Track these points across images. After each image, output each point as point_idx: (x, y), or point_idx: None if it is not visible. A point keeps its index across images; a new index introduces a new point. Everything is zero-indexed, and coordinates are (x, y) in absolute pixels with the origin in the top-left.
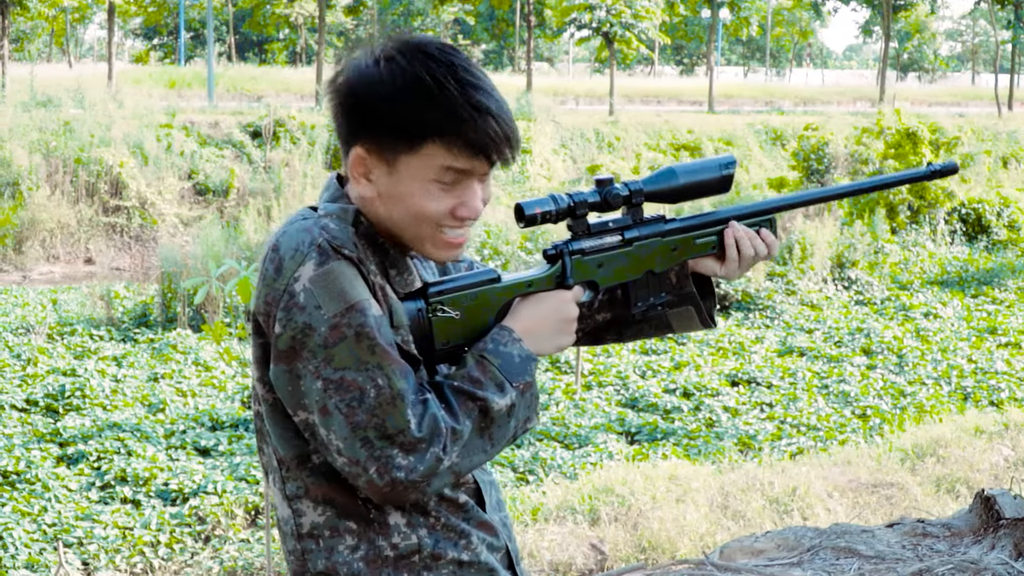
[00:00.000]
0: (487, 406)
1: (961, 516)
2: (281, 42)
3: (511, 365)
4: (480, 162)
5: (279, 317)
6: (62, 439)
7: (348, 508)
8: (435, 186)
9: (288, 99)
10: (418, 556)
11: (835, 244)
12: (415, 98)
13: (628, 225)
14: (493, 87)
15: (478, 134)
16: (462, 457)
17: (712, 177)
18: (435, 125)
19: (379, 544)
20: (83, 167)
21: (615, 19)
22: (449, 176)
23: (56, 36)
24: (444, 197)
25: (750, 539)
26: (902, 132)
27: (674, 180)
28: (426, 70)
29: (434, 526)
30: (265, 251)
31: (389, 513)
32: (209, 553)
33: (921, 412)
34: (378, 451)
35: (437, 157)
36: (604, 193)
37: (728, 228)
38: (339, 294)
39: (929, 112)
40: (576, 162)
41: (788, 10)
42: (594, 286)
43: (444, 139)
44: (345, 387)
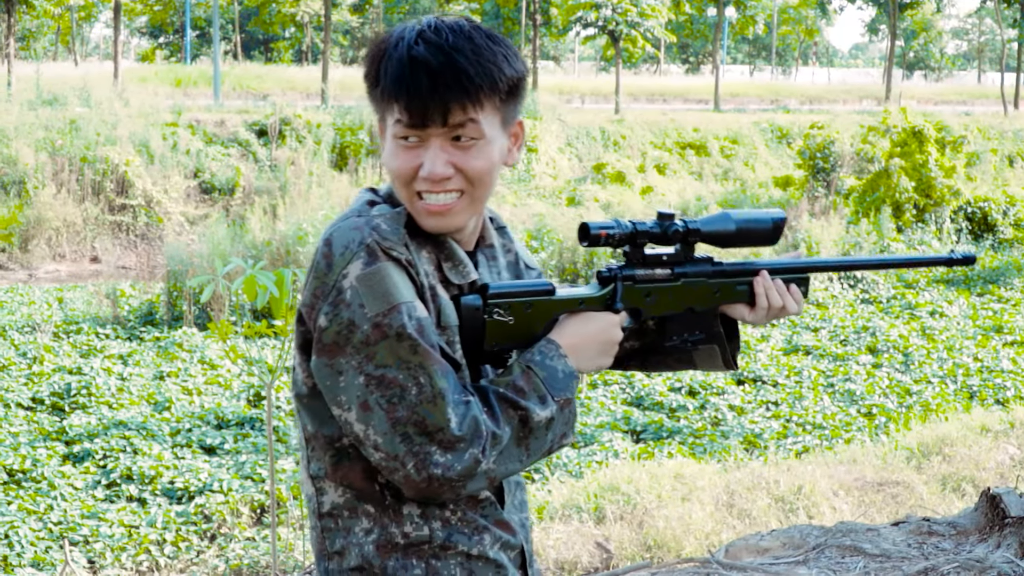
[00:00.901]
0: (528, 416)
1: (967, 515)
2: (287, 41)
3: (555, 379)
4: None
5: (324, 311)
6: (68, 437)
7: (366, 493)
8: (399, 144)
9: (294, 97)
10: (427, 546)
11: (841, 242)
12: (381, 59)
13: (679, 261)
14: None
15: (408, 88)
16: (498, 463)
17: (764, 228)
18: (384, 81)
19: (391, 531)
20: (89, 165)
21: (621, 17)
22: (403, 132)
23: (62, 35)
24: (407, 155)
25: (756, 537)
26: (908, 131)
27: (729, 225)
28: (401, 31)
29: (449, 519)
30: (319, 243)
31: (405, 502)
32: (215, 551)
33: (927, 411)
34: (417, 447)
35: (394, 113)
36: (665, 227)
37: (759, 277)
38: (383, 294)
39: (935, 111)
40: (582, 160)
41: (794, 8)
42: (638, 314)
43: (389, 98)
44: (386, 384)
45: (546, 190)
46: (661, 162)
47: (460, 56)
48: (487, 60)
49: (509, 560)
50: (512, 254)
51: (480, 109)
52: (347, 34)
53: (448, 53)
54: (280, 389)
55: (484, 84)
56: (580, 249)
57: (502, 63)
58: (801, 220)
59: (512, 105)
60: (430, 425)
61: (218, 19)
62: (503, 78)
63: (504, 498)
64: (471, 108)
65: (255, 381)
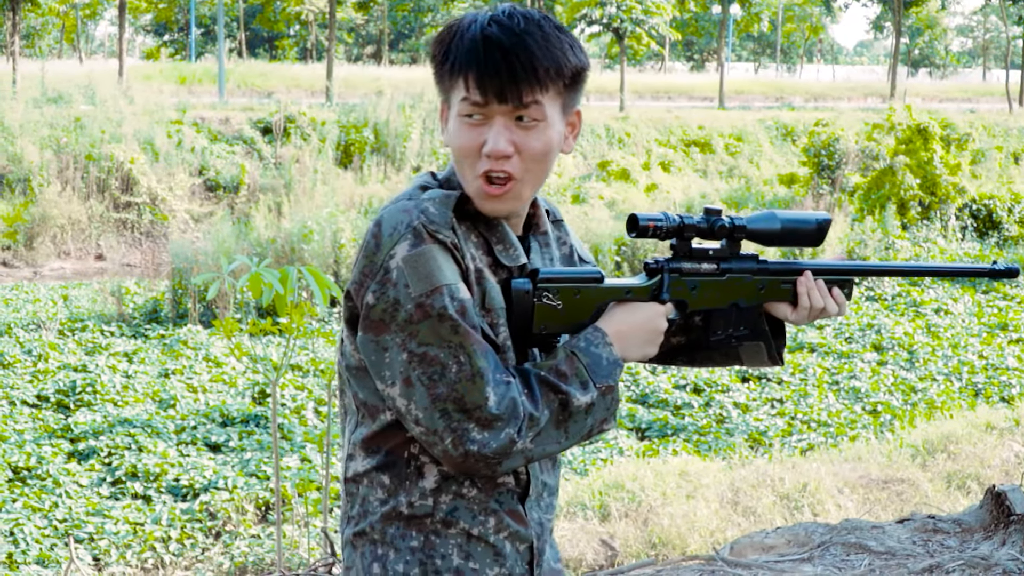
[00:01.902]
0: (568, 400)
1: (972, 512)
2: (291, 38)
3: (598, 366)
4: (481, 94)
5: (372, 288)
6: (73, 435)
7: (391, 463)
8: (463, 121)
9: (298, 95)
10: (430, 519)
11: (846, 239)
12: (452, 39)
13: (725, 256)
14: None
15: (480, 65)
16: (536, 444)
17: (809, 229)
18: (454, 58)
19: (400, 499)
20: (94, 163)
21: (625, 15)
22: (469, 109)
23: (67, 32)
24: (471, 132)
25: (760, 535)
26: (913, 128)
27: (775, 224)
28: (475, 15)
29: (461, 494)
30: (370, 225)
31: (424, 477)
32: (220, 549)
33: (932, 408)
34: (455, 423)
35: (460, 90)
36: (712, 222)
37: (803, 277)
38: (426, 276)
39: (940, 108)
40: (587, 158)
41: (799, 5)
42: (684, 306)
43: (457, 74)
44: (428, 361)
45: (551, 187)
46: (666, 159)
47: (530, 40)
48: (555, 47)
49: (515, 551)
50: (567, 247)
51: (544, 92)
52: (352, 32)
53: (519, 36)
54: (285, 387)
55: (551, 68)
56: (585, 246)
57: (568, 51)
58: None
59: (573, 93)
60: (468, 403)
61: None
62: (568, 65)
63: (529, 491)
64: (537, 90)
65: (260, 378)
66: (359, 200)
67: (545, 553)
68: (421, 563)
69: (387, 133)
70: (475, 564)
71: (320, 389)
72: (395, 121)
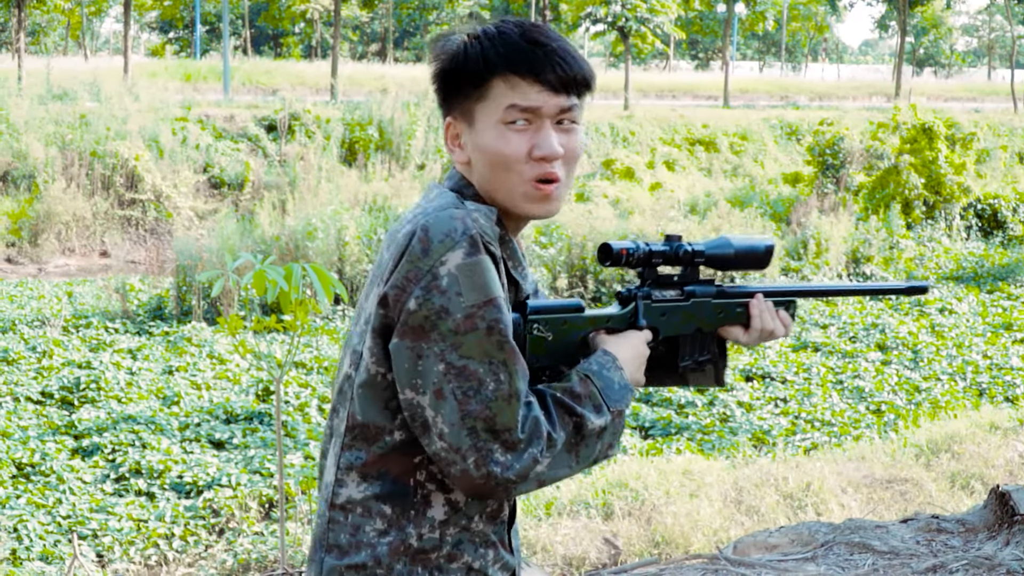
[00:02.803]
0: (582, 423)
1: (976, 512)
2: (296, 36)
3: (611, 390)
4: (541, 92)
5: (416, 294)
6: (77, 431)
7: (395, 492)
8: (507, 128)
9: (303, 93)
10: (436, 554)
11: (850, 239)
12: (479, 46)
13: (688, 281)
14: (562, 38)
15: (534, 62)
16: (550, 468)
17: (759, 253)
18: (495, 62)
19: (408, 531)
20: (99, 160)
21: (630, 13)
22: (517, 115)
23: (72, 29)
24: (517, 138)
25: (764, 534)
26: (918, 127)
27: (729, 249)
28: (495, 27)
29: (467, 527)
30: (407, 229)
31: (432, 506)
32: (223, 546)
33: (936, 408)
34: (481, 443)
35: (502, 96)
36: (675, 248)
37: (755, 299)
38: (482, 286)
39: (945, 107)
40: (591, 157)
41: (804, 4)
42: (655, 332)
43: (503, 75)
44: (466, 375)
45: None
46: (670, 158)
47: (568, 44)
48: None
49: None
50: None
51: (584, 93)
52: (357, 29)
53: (561, 42)
54: (289, 384)
55: (590, 69)
56: (589, 246)
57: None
58: (810, 217)
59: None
60: (499, 424)
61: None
62: (594, 80)
63: (514, 519)
64: (584, 90)
65: (264, 376)
66: (363, 198)
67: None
68: None
69: (392, 131)
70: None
71: (324, 387)
72: (400, 119)
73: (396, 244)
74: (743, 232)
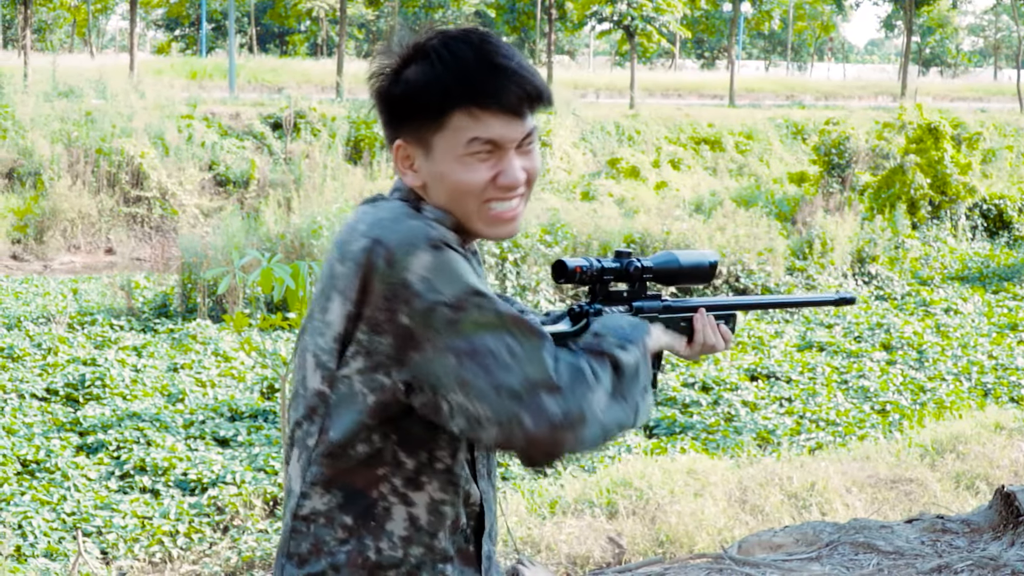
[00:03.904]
0: (617, 361)
1: (981, 512)
2: (302, 34)
3: (624, 330)
4: (504, 121)
5: (402, 311)
6: (82, 428)
7: (357, 502)
8: (470, 159)
9: (309, 91)
10: (394, 572)
11: (856, 239)
12: (434, 74)
13: (636, 296)
14: (515, 53)
15: (498, 91)
16: (607, 409)
17: (704, 269)
18: (455, 95)
19: (366, 543)
20: (104, 157)
21: (636, 12)
22: (479, 147)
23: (78, 27)
24: (481, 168)
25: (768, 534)
26: (924, 127)
27: (675, 264)
28: (444, 47)
29: (432, 546)
30: (363, 244)
31: (394, 519)
32: (227, 543)
33: (941, 408)
34: (527, 401)
35: (463, 129)
36: (625, 264)
37: (698, 314)
38: (457, 278)
39: (951, 107)
40: (596, 155)
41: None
42: None
43: (465, 107)
44: (478, 354)
45: (560, 184)
46: (675, 157)
47: (525, 62)
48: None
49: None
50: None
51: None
52: (362, 27)
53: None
54: (293, 382)
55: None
56: (594, 244)
57: None
58: (816, 216)
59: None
60: (534, 379)
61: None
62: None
63: (484, 524)
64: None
65: (269, 373)
66: (368, 195)
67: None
68: None
69: None
70: None
71: None
72: None
73: (353, 258)
74: (747, 231)
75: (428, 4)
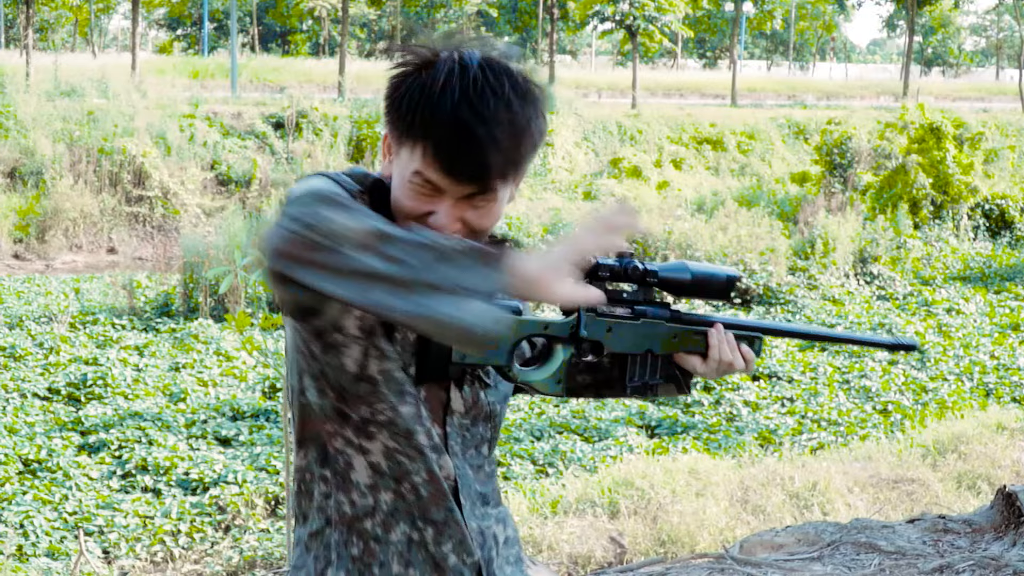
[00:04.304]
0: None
1: (982, 512)
2: (304, 33)
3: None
4: (442, 178)
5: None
6: (83, 428)
7: (325, 458)
8: (414, 188)
9: (311, 90)
10: (371, 521)
11: (857, 239)
12: (417, 96)
13: (638, 300)
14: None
15: (449, 150)
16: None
17: (718, 284)
18: (413, 125)
19: (340, 498)
20: (106, 157)
21: (638, 12)
22: (421, 181)
23: (80, 26)
24: (419, 200)
25: (770, 533)
26: (926, 127)
27: (685, 275)
28: (446, 72)
29: (401, 494)
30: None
31: (356, 470)
32: (229, 543)
33: (943, 408)
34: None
35: (412, 159)
36: (623, 263)
37: (714, 328)
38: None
39: (953, 107)
40: (598, 155)
41: (812, 4)
42: (599, 348)
43: (416, 142)
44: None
45: (562, 184)
46: (677, 157)
47: (500, 134)
48: (524, 139)
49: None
50: None
51: (503, 184)
52: (364, 27)
53: (488, 126)
54: None
55: (510, 170)
56: None
57: (536, 136)
58: (818, 216)
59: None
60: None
61: (236, 11)
62: (530, 157)
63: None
64: (497, 183)
65: (270, 373)
66: None
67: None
68: (360, 573)
69: None
70: (414, 572)
71: None
72: None
73: None
74: (749, 231)
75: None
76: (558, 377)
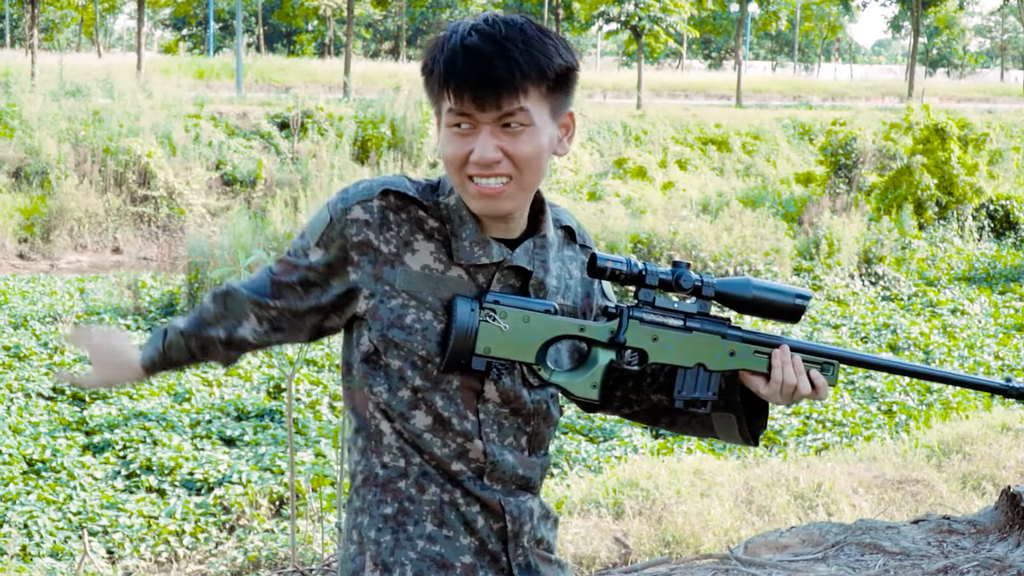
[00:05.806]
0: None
1: (987, 513)
2: (309, 33)
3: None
4: (465, 103)
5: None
6: (88, 428)
7: (361, 425)
8: (452, 132)
9: (316, 90)
10: (404, 482)
11: (862, 239)
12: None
13: (693, 314)
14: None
15: (458, 78)
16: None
17: (784, 303)
18: (436, 75)
19: (372, 461)
20: (111, 156)
21: (643, 12)
22: (456, 120)
23: (85, 26)
24: (459, 142)
25: (775, 534)
26: (930, 127)
27: (747, 290)
28: (454, 28)
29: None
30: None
31: (386, 435)
32: (234, 543)
33: (947, 409)
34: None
35: (444, 100)
36: (676, 274)
37: (779, 349)
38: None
39: (958, 108)
40: (603, 155)
41: (817, 4)
42: (644, 356)
43: (442, 88)
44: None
45: (567, 184)
46: (682, 157)
47: (510, 44)
48: (536, 50)
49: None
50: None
51: (527, 97)
52: (370, 27)
53: (499, 42)
54: (300, 381)
55: (532, 72)
56: (601, 244)
57: (551, 53)
58: (823, 217)
59: (561, 95)
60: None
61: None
62: (551, 67)
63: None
64: (518, 96)
65: (275, 373)
66: None
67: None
68: (393, 531)
69: (404, 129)
70: (448, 531)
71: (335, 384)
72: (412, 117)
73: None
74: (754, 232)
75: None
76: (593, 381)
